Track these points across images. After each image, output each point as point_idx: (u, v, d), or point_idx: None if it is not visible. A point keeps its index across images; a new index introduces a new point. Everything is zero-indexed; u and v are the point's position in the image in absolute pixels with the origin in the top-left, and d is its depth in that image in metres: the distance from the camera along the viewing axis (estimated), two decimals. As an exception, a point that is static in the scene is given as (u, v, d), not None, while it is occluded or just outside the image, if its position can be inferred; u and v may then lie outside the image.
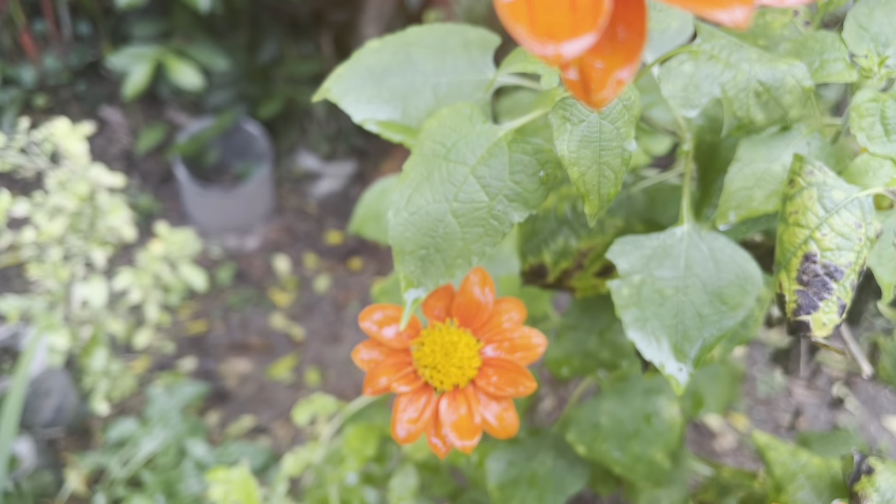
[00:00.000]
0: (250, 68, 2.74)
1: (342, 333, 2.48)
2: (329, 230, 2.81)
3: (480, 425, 0.45)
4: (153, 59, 2.41)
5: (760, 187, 0.45)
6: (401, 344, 0.49)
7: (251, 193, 2.71)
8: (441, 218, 0.40)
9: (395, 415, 0.46)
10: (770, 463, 0.63)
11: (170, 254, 1.61)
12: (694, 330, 0.44)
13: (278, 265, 2.68)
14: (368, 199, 0.96)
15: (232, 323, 2.49)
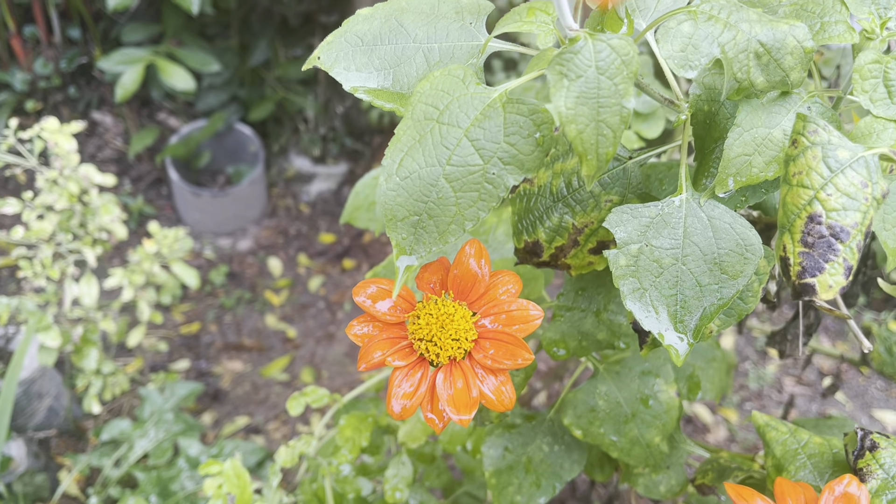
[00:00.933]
0: (242, 71, 2.73)
1: (336, 333, 2.47)
2: (321, 231, 2.80)
3: (478, 399, 0.44)
4: (144, 62, 2.40)
5: (760, 153, 0.44)
6: (395, 318, 0.48)
7: (243, 195, 2.70)
8: (434, 182, 0.39)
9: (390, 390, 0.45)
10: (770, 443, 0.62)
11: (162, 252, 1.60)
12: (693, 300, 0.44)
13: (271, 266, 2.66)
14: (360, 188, 0.95)
15: (225, 324, 2.47)
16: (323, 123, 2.90)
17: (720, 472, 0.69)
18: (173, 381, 1.88)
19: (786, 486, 0.43)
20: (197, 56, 2.49)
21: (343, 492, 0.88)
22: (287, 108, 2.82)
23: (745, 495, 0.42)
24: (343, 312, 2.53)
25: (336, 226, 2.81)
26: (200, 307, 2.52)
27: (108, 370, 1.70)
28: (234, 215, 2.73)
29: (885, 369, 1.13)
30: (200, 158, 2.77)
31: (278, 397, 2.26)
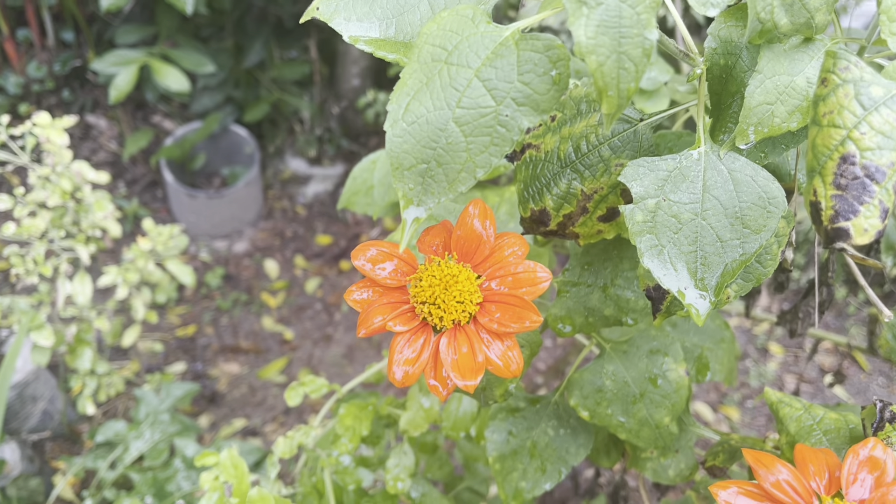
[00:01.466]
0: (237, 72, 2.71)
1: (333, 335, 2.44)
2: (318, 233, 2.77)
3: (483, 364, 0.41)
4: (138, 63, 2.37)
5: (783, 102, 0.42)
6: (397, 281, 0.45)
7: (239, 197, 2.67)
8: (443, 127, 0.37)
9: (391, 356, 0.43)
10: (784, 419, 0.60)
11: (157, 249, 1.57)
12: (714, 256, 0.41)
13: (268, 268, 2.64)
14: (357, 172, 0.93)
15: (222, 326, 2.45)
16: (319, 124, 2.88)
17: (731, 454, 0.67)
18: (169, 382, 1.85)
19: (807, 452, 0.41)
20: (191, 57, 2.48)
21: (343, 483, 0.85)
22: (282, 109, 2.81)
23: (765, 461, 0.40)
24: (340, 314, 2.51)
25: (333, 227, 2.79)
26: (196, 310, 2.49)
27: (102, 370, 1.67)
28: (229, 217, 2.71)
29: (893, 356, 1.10)
30: (195, 160, 2.75)
31: (276, 399, 2.24)
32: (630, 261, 0.62)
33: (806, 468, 0.40)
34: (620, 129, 0.54)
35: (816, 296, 0.69)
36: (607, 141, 0.54)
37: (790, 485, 0.39)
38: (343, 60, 2.82)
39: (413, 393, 0.83)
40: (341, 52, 2.80)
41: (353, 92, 2.84)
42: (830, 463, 0.40)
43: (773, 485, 0.38)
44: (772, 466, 0.39)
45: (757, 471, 0.39)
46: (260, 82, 2.77)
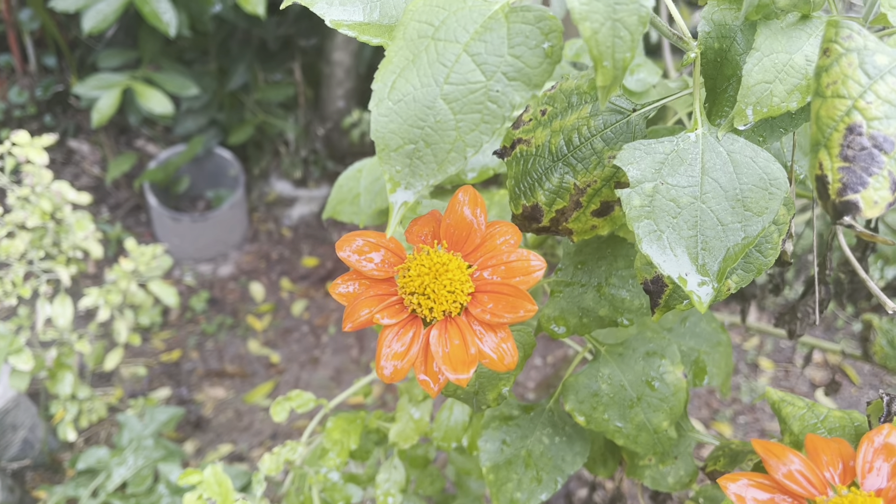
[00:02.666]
0: (221, 95, 2.70)
1: (321, 357, 2.41)
2: (304, 255, 2.75)
3: (476, 356, 0.39)
4: (121, 87, 2.35)
5: (781, 81, 0.41)
6: (384, 273, 0.43)
7: (224, 220, 2.65)
8: (431, 104, 0.35)
9: (379, 351, 0.40)
10: (787, 418, 0.58)
11: (140, 270, 1.55)
12: (715, 240, 0.40)
13: (253, 291, 2.61)
14: (343, 181, 0.91)
15: (207, 350, 2.41)
16: (304, 146, 2.87)
17: (733, 457, 0.65)
18: (153, 407, 1.81)
19: (818, 442, 0.39)
20: (175, 80, 2.46)
21: (332, 501, 0.82)
22: (267, 131, 2.79)
23: (776, 451, 0.38)
24: (328, 336, 2.48)
25: (319, 249, 2.76)
26: (181, 334, 2.45)
27: (84, 395, 1.64)
28: (214, 240, 2.68)
29: (889, 363, 1.09)
30: (179, 183, 2.72)
31: (262, 424, 2.20)
32: (625, 259, 0.60)
33: (818, 458, 0.38)
34: (613, 120, 0.52)
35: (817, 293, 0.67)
36: (600, 132, 0.52)
37: (803, 475, 0.37)
38: (328, 82, 2.81)
39: (402, 404, 0.80)
40: (326, 74, 2.80)
41: (339, 114, 2.84)
42: (844, 452, 0.39)
43: (785, 476, 0.36)
44: (783, 457, 0.37)
45: (768, 461, 0.37)
46: (244, 105, 2.76)
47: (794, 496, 0.36)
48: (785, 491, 0.36)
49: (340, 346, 2.45)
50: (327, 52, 2.76)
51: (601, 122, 0.52)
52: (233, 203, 2.63)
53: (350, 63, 2.75)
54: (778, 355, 2.57)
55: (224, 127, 2.74)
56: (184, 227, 2.59)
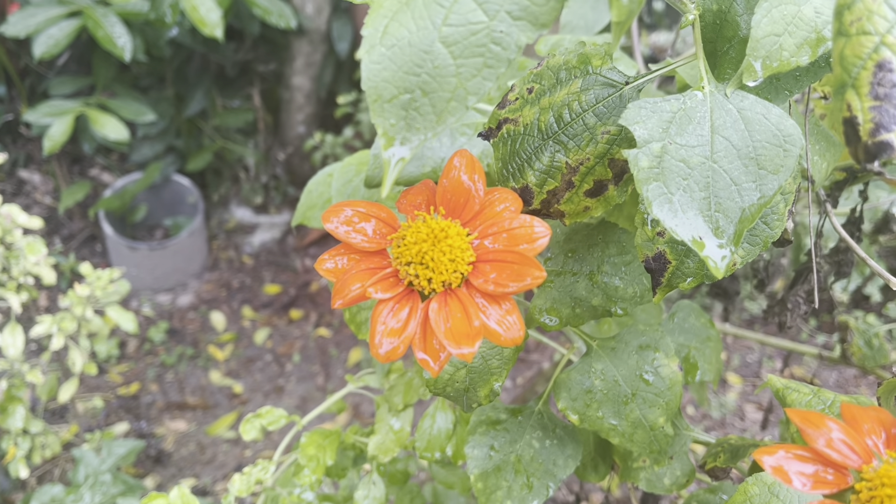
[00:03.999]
0: (178, 121, 2.65)
1: (285, 386, 2.34)
2: (266, 282, 2.69)
3: (480, 329, 0.36)
4: (74, 113, 2.28)
5: (791, 34, 0.39)
6: (376, 245, 0.40)
7: (183, 248, 2.58)
8: (428, 49, 0.32)
9: (373, 328, 0.37)
10: (792, 406, 0.56)
11: (96, 294, 1.48)
12: (729, 201, 0.37)
13: (214, 320, 2.54)
14: (312, 186, 0.88)
15: (167, 382, 2.33)
16: (264, 172, 2.82)
17: (733, 452, 0.62)
18: (110, 440, 1.73)
19: (856, 410, 0.36)
20: (130, 106, 2.40)
21: (308, 521, 0.77)
22: (226, 157, 2.74)
23: (814, 420, 0.35)
24: (292, 364, 2.41)
25: (282, 276, 2.71)
26: (139, 366, 2.37)
27: (36, 430, 1.55)
28: (173, 269, 2.61)
29: (867, 363, 1.08)
30: (136, 212, 2.65)
31: (226, 456, 2.12)
32: (617, 245, 0.57)
33: (859, 426, 0.35)
34: (605, 94, 0.50)
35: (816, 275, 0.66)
36: (592, 107, 0.50)
37: (846, 444, 0.34)
38: (288, 108, 2.78)
39: (382, 415, 0.76)
40: (286, 99, 2.77)
41: (299, 139, 2.80)
42: (885, 420, 0.36)
43: (826, 445, 0.34)
44: (822, 425, 0.34)
45: (806, 431, 0.35)
46: (202, 131, 2.71)
47: (837, 466, 0.33)
48: (827, 462, 0.34)
49: (305, 374, 2.39)
50: (287, 77, 2.73)
51: (593, 96, 0.50)
52: (192, 231, 2.57)
53: (310, 88, 2.72)
54: (745, 370, 2.58)
55: (182, 153, 2.68)
56: (141, 257, 2.51)
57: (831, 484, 0.33)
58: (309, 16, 2.56)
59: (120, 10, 2.16)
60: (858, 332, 1.10)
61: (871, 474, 0.33)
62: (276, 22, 2.32)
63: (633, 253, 0.58)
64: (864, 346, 1.10)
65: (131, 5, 2.18)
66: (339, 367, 2.42)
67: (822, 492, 0.33)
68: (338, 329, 2.54)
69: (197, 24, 2.09)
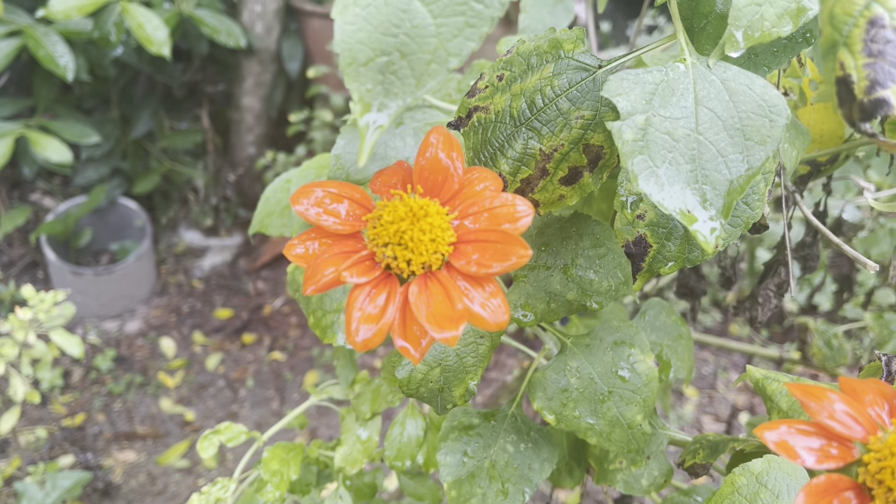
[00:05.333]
0: (124, 143, 2.58)
1: (239, 412, 2.28)
2: (217, 306, 2.62)
3: (463, 312, 0.34)
4: (13, 136, 2.20)
5: (771, 3, 0.38)
6: (349, 227, 0.37)
7: (130, 273, 2.50)
8: (406, 7, 0.30)
9: (349, 314, 0.34)
10: (773, 396, 0.55)
11: (39, 318, 1.42)
12: (716, 173, 0.36)
13: (164, 346, 2.46)
14: (270, 193, 0.85)
15: (114, 412, 2.24)
16: (214, 194, 2.76)
17: (713, 448, 0.61)
18: (55, 473, 1.65)
19: (855, 383, 0.35)
20: (73, 128, 2.33)
21: (271, 541, 0.74)
22: (175, 179, 2.68)
23: (815, 392, 0.33)
24: (246, 389, 2.35)
25: (233, 299, 2.64)
26: (85, 396, 2.28)
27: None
28: (120, 295, 2.53)
29: (827, 363, 1.09)
30: (81, 236, 2.57)
31: (178, 486, 2.04)
32: (590, 237, 0.56)
33: (860, 398, 0.34)
34: (578, 79, 0.49)
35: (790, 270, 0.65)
36: (565, 92, 0.49)
37: (850, 416, 0.33)
38: (237, 128, 2.74)
39: (348, 424, 0.73)
40: (235, 120, 2.73)
41: (249, 160, 2.76)
42: (886, 392, 0.35)
43: (829, 417, 0.32)
44: (823, 398, 0.33)
45: (807, 405, 0.33)
46: (149, 153, 2.65)
47: (842, 439, 0.32)
48: (831, 435, 0.32)
49: (260, 399, 2.33)
50: (236, 97, 2.69)
51: (566, 80, 0.49)
52: (139, 255, 2.49)
53: (260, 108, 2.69)
54: (700, 382, 2.60)
55: (128, 176, 2.61)
56: (86, 283, 2.43)
57: (836, 458, 0.32)
58: (258, 35, 2.53)
59: (62, 29, 2.10)
60: (818, 333, 1.11)
61: (880, 445, 0.32)
62: (225, 41, 2.29)
63: (607, 245, 0.56)
64: (824, 346, 1.11)
65: (74, 24, 2.13)
66: (295, 391, 2.36)
67: (827, 466, 0.32)
68: (292, 352, 2.49)
69: (143, 42, 2.04)
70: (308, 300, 0.64)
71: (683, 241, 0.47)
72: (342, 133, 0.71)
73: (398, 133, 0.70)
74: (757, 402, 2.58)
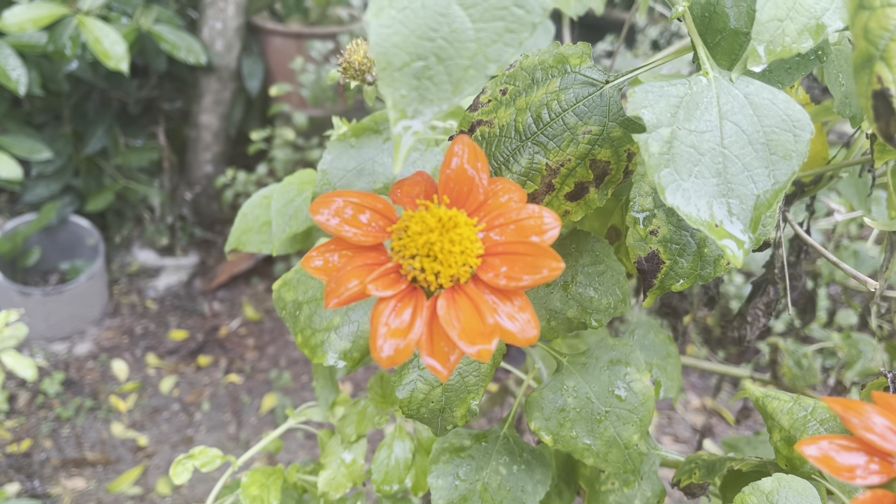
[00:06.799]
0: (77, 160, 2.51)
1: (194, 436, 2.21)
2: (172, 328, 2.56)
3: (494, 327, 0.32)
4: (-42, 151, 2.13)
5: (792, 19, 0.38)
6: (372, 238, 0.36)
7: (81, 293, 2.43)
8: (444, 11, 0.29)
9: (375, 329, 0.32)
10: (774, 414, 0.55)
11: (-11, 339, 1.36)
12: (742, 187, 0.36)
13: (116, 369, 2.38)
14: (248, 209, 0.83)
15: (63, 437, 2.16)
16: (170, 212, 2.70)
17: (709, 468, 0.61)
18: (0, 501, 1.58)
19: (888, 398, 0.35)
20: (23, 143, 2.26)
21: (249, 570, 0.71)
22: (129, 197, 2.62)
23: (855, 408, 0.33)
24: (201, 413, 2.29)
25: (188, 321, 2.58)
26: (31, 422, 2.19)
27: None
28: (69, 316, 2.44)
29: (797, 383, 1.10)
30: (29, 255, 2.48)
31: (130, 514, 1.97)
32: (590, 254, 0.56)
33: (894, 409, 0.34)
34: (585, 93, 0.48)
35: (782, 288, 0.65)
36: (572, 107, 0.48)
37: (890, 430, 0.32)
38: (195, 146, 2.69)
39: (332, 448, 0.71)
40: (192, 138, 2.68)
41: (207, 178, 2.71)
42: (918, 405, 0.35)
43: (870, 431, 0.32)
44: (863, 412, 0.33)
45: (849, 420, 0.33)
46: (103, 170, 2.58)
47: (883, 454, 0.32)
48: (871, 450, 0.32)
49: (216, 423, 2.27)
50: (194, 115, 2.64)
51: (572, 95, 0.48)
52: (91, 275, 2.42)
53: (219, 126, 2.65)
54: (660, 403, 2.62)
55: (81, 193, 2.54)
56: (34, 303, 2.35)
57: (879, 472, 0.32)
58: (219, 52, 2.50)
59: (15, 42, 2.05)
60: (788, 353, 1.13)
61: (922, 461, 0.32)
62: (185, 57, 2.25)
63: (606, 263, 0.56)
64: (794, 366, 1.13)
65: (28, 37, 2.07)
66: (252, 415, 2.31)
67: (871, 481, 0.31)
68: (249, 375, 2.44)
69: (100, 57, 1.99)
70: (296, 318, 0.62)
71: (696, 258, 0.46)
72: (329, 148, 0.69)
73: (386, 149, 0.69)
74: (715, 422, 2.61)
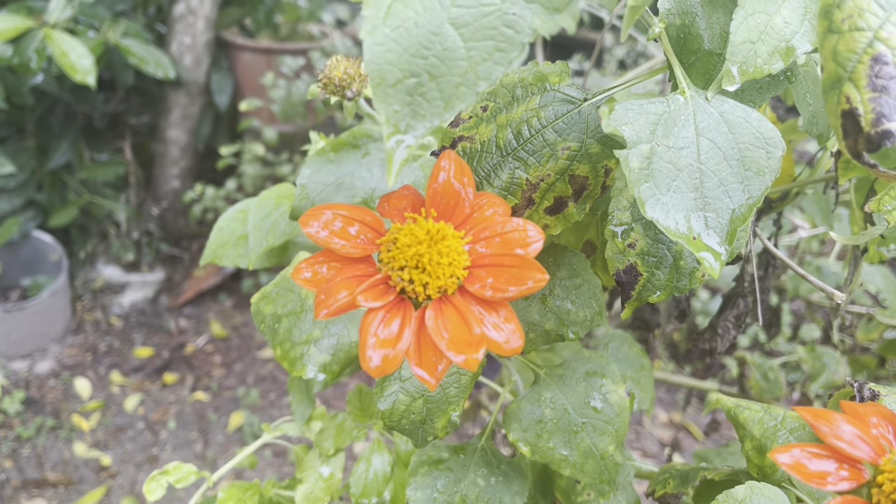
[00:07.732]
0: (40, 174, 2.47)
1: (160, 455, 2.18)
2: (137, 345, 2.52)
3: (481, 336, 0.33)
4: (-83, 162, 2.09)
5: (763, 42, 0.40)
6: (361, 250, 0.36)
7: (43, 310, 2.38)
8: (436, 30, 0.30)
9: (364, 339, 0.33)
10: (745, 424, 0.56)
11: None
12: (718, 201, 0.37)
13: (78, 387, 2.34)
14: (223, 223, 0.83)
15: (23, 458, 2.11)
16: (136, 228, 2.67)
17: (683, 478, 0.62)
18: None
19: (858, 407, 0.36)
20: (-16, 157, 2.22)
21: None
22: (94, 212, 2.58)
23: (825, 417, 0.34)
24: (167, 431, 2.26)
25: (154, 338, 2.55)
26: (-10, 441, 2.14)
27: None
28: (31, 333, 2.40)
29: (764, 395, 1.13)
30: (-11, 271, 2.44)
31: (93, 535, 1.93)
32: (567, 268, 0.57)
33: (865, 421, 0.35)
34: (564, 111, 0.50)
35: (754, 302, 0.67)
36: (551, 123, 0.49)
37: (860, 438, 0.34)
38: (161, 161, 2.67)
39: (309, 462, 0.71)
40: (159, 152, 2.66)
41: (174, 193, 2.69)
42: (885, 414, 0.36)
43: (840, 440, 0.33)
44: (833, 422, 0.34)
45: (819, 428, 0.34)
46: (67, 185, 2.54)
47: (852, 461, 0.33)
48: (841, 457, 0.33)
49: (182, 441, 2.24)
50: (161, 129, 2.62)
51: (552, 112, 0.50)
52: (53, 291, 2.38)
53: (187, 140, 2.63)
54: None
55: (44, 208, 2.50)
56: (-6, 320, 2.30)
57: (848, 479, 0.33)
58: (187, 67, 2.49)
59: (-21, 55, 2.02)
60: (755, 366, 1.15)
61: (892, 466, 0.33)
62: (154, 71, 2.24)
63: (583, 276, 0.57)
64: (762, 379, 1.15)
65: (-8, 49, 2.04)
66: (219, 433, 2.28)
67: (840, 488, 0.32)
68: (216, 393, 2.41)
69: (67, 70, 1.97)
70: (275, 331, 0.62)
71: (672, 270, 0.48)
72: (307, 163, 0.70)
73: (365, 164, 0.70)
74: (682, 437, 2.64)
